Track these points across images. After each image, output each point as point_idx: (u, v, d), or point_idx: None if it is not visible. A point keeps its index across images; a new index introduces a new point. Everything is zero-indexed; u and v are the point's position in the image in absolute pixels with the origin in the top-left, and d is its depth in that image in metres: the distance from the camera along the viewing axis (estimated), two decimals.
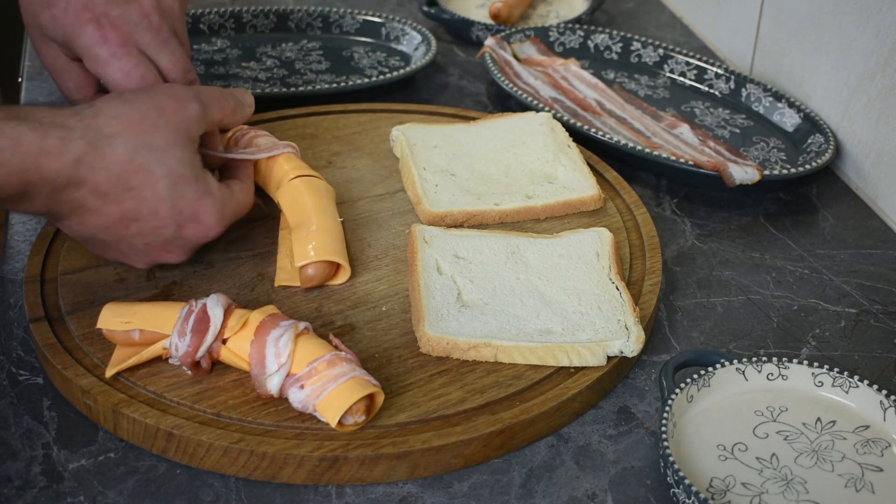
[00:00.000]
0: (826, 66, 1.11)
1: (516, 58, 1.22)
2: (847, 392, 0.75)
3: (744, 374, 0.75)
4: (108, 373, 0.73)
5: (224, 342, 0.73)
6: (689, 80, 1.23)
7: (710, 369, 0.74)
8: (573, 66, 1.20)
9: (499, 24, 1.34)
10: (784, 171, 1.01)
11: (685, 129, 1.10)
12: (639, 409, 0.77)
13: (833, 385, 0.75)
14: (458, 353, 0.76)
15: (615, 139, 1.04)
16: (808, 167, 1.01)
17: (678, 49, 1.26)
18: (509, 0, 1.36)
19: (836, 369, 0.75)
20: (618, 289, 0.82)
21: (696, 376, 0.74)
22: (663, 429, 0.69)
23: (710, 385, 0.74)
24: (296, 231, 0.84)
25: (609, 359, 0.77)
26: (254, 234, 0.89)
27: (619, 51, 1.29)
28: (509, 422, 0.71)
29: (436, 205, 0.92)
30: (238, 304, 0.77)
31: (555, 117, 1.06)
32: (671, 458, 0.67)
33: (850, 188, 1.06)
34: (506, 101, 1.19)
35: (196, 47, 1.27)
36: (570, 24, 1.32)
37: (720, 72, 1.21)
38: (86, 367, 0.74)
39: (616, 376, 0.78)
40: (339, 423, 0.69)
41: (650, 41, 1.27)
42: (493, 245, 0.87)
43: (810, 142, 1.09)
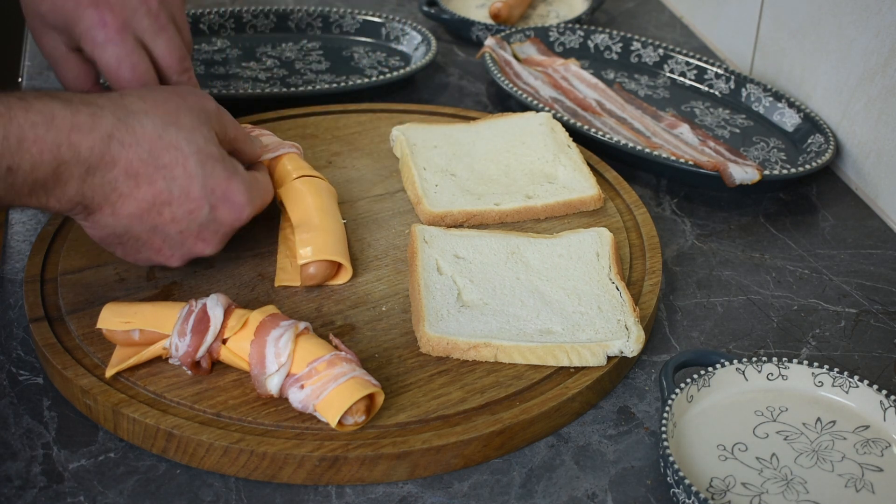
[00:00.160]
0: (826, 66, 1.11)
1: (516, 58, 1.22)
2: (847, 392, 0.75)
3: (744, 374, 0.75)
4: (108, 373, 0.73)
5: (224, 342, 0.73)
6: (689, 80, 1.23)
7: (710, 369, 0.74)
8: (573, 66, 1.20)
9: (499, 24, 1.34)
10: (784, 171, 1.00)
11: (685, 129, 1.10)
12: (639, 409, 0.77)
13: (833, 385, 0.75)
14: (458, 353, 0.76)
15: (615, 139, 1.04)
16: (808, 167, 1.01)
17: (678, 49, 1.26)
18: (509, 0, 1.36)
19: (836, 369, 0.75)
20: (618, 289, 0.82)
21: (696, 376, 0.74)
22: (663, 429, 0.69)
23: (710, 385, 0.74)
24: (299, 229, 0.84)
25: (609, 359, 0.77)
26: (254, 234, 0.89)
27: (619, 51, 1.29)
28: (509, 422, 0.71)
29: (436, 205, 0.92)
30: (238, 304, 0.77)
31: (555, 117, 1.06)
32: (671, 458, 0.67)
33: (850, 188, 1.06)
34: (506, 101, 1.19)
35: (196, 47, 1.27)
36: (570, 24, 1.32)
37: (720, 72, 1.21)
38: (86, 367, 0.74)
39: (616, 376, 0.78)
40: (339, 423, 0.69)
41: (650, 41, 1.27)
42: (493, 245, 0.87)
43: (810, 142, 1.09)
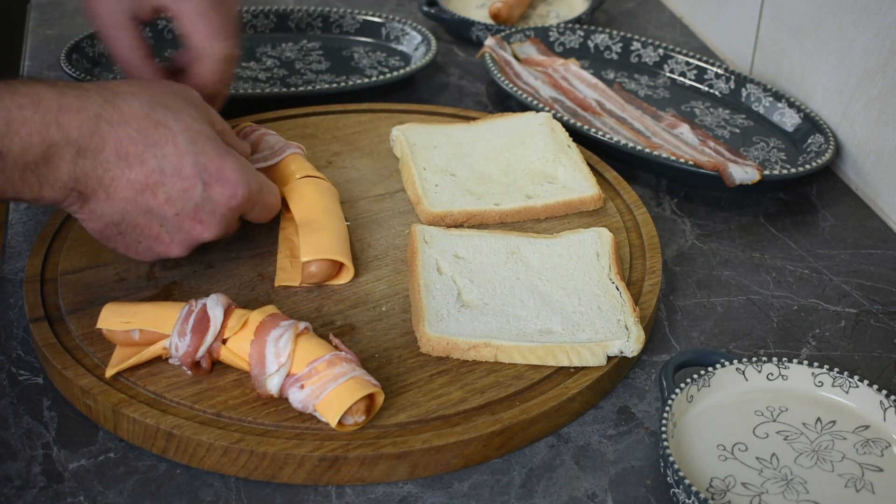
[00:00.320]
0: (826, 66, 1.11)
1: (516, 58, 1.22)
2: (847, 392, 0.75)
3: (744, 374, 0.75)
4: (108, 373, 0.73)
5: (224, 342, 0.73)
6: (689, 80, 1.23)
7: (710, 369, 0.74)
8: (573, 66, 1.20)
9: (499, 24, 1.33)
10: (784, 171, 1.00)
11: (685, 129, 1.10)
12: (639, 409, 0.77)
13: (833, 385, 0.75)
14: (458, 353, 0.76)
15: (615, 139, 1.04)
16: (808, 167, 1.01)
17: (678, 49, 1.26)
18: (509, 0, 1.36)
19: (836, 369, 0.75)
20: (618, 289, 0.82)
21: (696, 376, 0.74)
22: (663, 429, 0.69)
23: (710, 385, 0.74)
24: (303, 228, 0.84)
25: (609, 359, 0.77)
26: (254, 234, 0.89)
27: (619, 51, 1.29)
28: (509, 422, 0.71)
29: (436, 205, 0.92)
30: (238, 304, 0.77)
31: (555, 117, 1.06)
32: (671, 458, 0.67)
33: (850, 188, 1.06)
34: (506, 101, 1.19)
35: None
36: (570, 24, 1.32)
37: (720, 72, 1.21)
38: (86, 367, 0.74)
39: (616, 376, 0.78)
40: (339, 423, 0.69)
41: (650, 41, 1.27)
42: (493, 245, 0.87)
43: (810, 142, 1.09)
